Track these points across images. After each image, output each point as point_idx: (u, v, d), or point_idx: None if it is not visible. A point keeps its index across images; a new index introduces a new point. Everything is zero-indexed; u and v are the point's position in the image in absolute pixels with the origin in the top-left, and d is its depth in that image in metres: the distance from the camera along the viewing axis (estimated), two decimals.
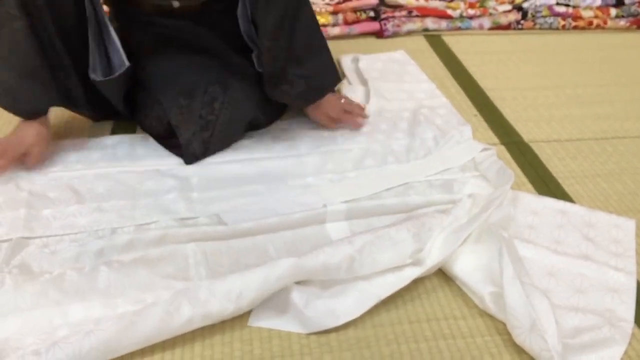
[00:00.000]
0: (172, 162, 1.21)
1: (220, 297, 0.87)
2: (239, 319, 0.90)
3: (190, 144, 1.18)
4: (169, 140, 1.22)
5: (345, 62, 1.62)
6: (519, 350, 0.86)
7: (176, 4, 1.22)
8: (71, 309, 0.89)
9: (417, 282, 0.97)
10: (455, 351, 0.86)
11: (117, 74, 1.17)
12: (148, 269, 0.96)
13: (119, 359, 0.83)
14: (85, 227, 1.05)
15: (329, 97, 1.28)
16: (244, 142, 1.26)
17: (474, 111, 1.45)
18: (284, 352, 0.85)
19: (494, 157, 1.22)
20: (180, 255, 0.99)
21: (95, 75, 1.17)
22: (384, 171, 1.22)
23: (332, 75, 1.27)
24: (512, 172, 1.13)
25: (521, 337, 0.84)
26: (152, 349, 0.85)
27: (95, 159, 1.22)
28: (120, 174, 1.17)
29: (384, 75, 1.56)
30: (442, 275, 0.98)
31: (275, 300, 0.91)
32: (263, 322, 0.90)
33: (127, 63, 1.16)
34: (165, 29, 1.25)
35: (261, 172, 1.19)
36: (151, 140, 1.26)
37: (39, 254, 0.98)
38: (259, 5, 1.12)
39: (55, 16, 1.08)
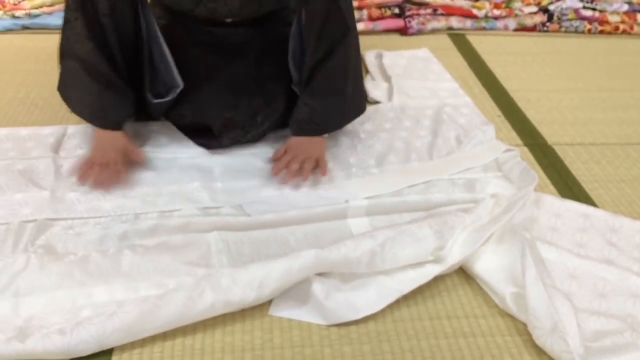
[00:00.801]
0: (195, 152, 1.21)
1: (242, 285, 0.87)
2: (260, 308, 0.90)
3: (224, 142, 1.20)
4: (196, 136, 1.23)
5: (369, 58, 1.62)
6: (539, 351, 0.86)
7: (229, 20, 1.21)
8: (95, 290, 0.90)
9: (437, 279, 0.97)
10: (475, 349, 0.86)
11: (170, 97, 1.17)
12: (171, 255, 0.97)
13: (140, 342, 0.84)
14: (109, 212, 1.06)
15: (318, 140, 1.18)
16: (269, 136, 1.26)
17: (497, 112, 1.44)
18: (304, 342, 0.86)
19: (517, 158, 1.21)
20: (202, 243, 1.00)
21: (151, 96, 1.17)
22: (406, 168, 1.21)
23: (336, 121, 1.20)
24: (536, 173, 1.13)
25: (542, 339, 0.84)
26: (174, 333, 0.86)
27: None
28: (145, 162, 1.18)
29: (408, 73, 1.56)
30: (463, 273, 0.98)
31: (296, 290, 0.91)
32: (284, 312, 0.90)
33: (181, 84, 1.16)
34: (213, 36, 1.23)
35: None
36: (174, 129, 1.27)
37: (64, 235, 0.99)
38: (310, 37, 1.12)
39: (118, 35, 1.10)
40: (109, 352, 0.83)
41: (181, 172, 1.16)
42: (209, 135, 1.20)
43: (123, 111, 1.16)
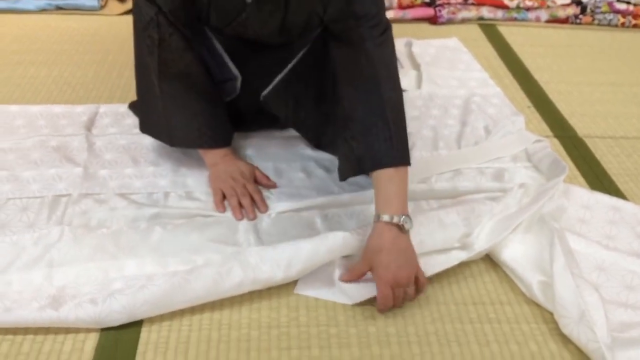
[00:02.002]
0: None
1: (270, 264, 0.88)
2: (286, 287, 0.91)
3: (253, 127, 1.20)
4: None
5: (398, 46, 1.60)
6: (565, 339, 0.85)
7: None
8: (126, 263, 0.92)
9: (463, 265, 0.97)
10: (500, 335, 0.86)
11: (231, 94, 1.13)
12: (199, 233, 0.98)
13: (169, 315, 0.86)
14: (140, 189, 1.08)
15: (409, 246, 0.90)
16: None
17: (528, 103, 1.43)
18: (329, 322, 0.87)
19: (547, 149, 1.20)
20: (230, 222, 1.01)
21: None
22: (434, 156, 1.21)
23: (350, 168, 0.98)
24: (566, 164, 1.12)
25: (568, 328, 0.84)
26: (202, 307, 0.87)
27: None
28: None
29: (437, 62, 1.55)
30: (490, 260, 0.98)
31: (322, 271, 0.92)
32: (309, 291, 0.91)
33: (238, 76, 1.10)
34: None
35: (314, 151, 1.20)
36: None
37: (97, 210, 1.01)
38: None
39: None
40: (138, 323, 0.85)
41: None
42: (238, 118, 1.22)
43: (227, 125, 1.10)
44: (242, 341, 0.83)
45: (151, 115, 1.09)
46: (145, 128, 1.12)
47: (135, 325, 0.84)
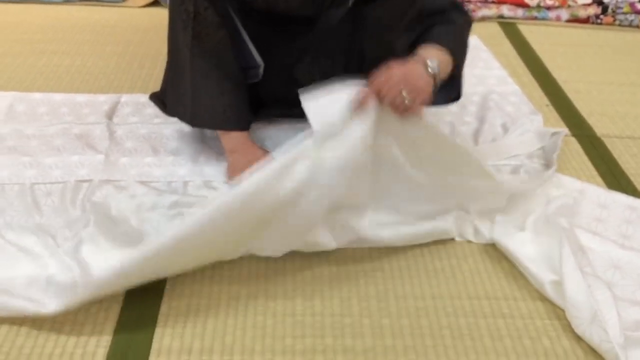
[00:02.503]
0: None
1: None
2: (301, 276, 0.93)
3: (273, 113, 1.21)
4: None
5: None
6: (578, 337, 0.85)
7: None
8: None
9: (478, 261, 0.98)
10: (513, 330, 0.86)
11: (254, 79, 1.13)
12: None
13: (186, 300, 0.87)
14: (159, 178, 1.10)
15: (425, 74, 0.96)
16: None
17: (546, 101, 1.43)
18: (343, 312, 0.88)
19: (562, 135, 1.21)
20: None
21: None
22: None
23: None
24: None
25: (581, 328, 0.84)
26: (219, 293, 0.89)
27: None
28: (193, 131, 1.21)
29: None
30: (504, 257, 0.98)
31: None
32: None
33: (261, 63, 1.11)
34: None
35: None
36: None
37: (117, 196, 1.03)
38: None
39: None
40: (155, 309, 0.86)
41: None
42: (257, 103, 1.23)
43: (249, 110, 1.10)
44: (258, 328, 0.85)
45: (178, 93, 1.09)
46: (171, 109, 1.11)
47: (152, 310, 0.86)
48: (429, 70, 0.95)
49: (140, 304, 0.87)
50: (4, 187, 1.04)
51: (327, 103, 0.89)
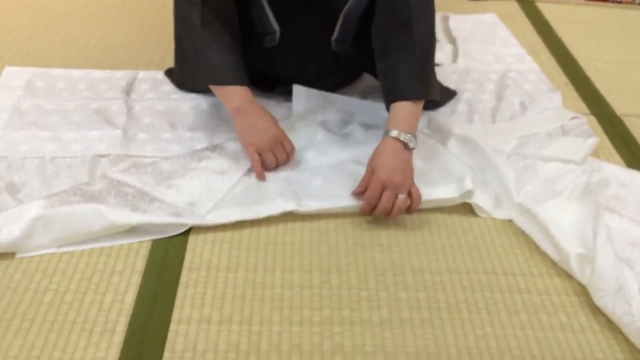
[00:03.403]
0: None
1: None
2: (318, 250, 0.93)
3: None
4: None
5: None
6: (595, 311, 0.86)
7: None
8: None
9: (495, 237, 0.98)
10: (530, 305, 0.87)
11: (269, 44, 1.14)
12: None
13: (204, 272, 0.88)
14: (177, 152, 1.10)
15: (407, 160, 0.99)
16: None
17: (565, 80, 1.41)
18: (360, 285, 0.88)
19: (585, 126, 1.19)
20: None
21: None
22: (468, 130, 1.21)
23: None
24: (598, 139, 1.11)
25: (603, 300, 0.84)
26: (236, 267, 0.90)
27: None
28: (210, 108, 1.22)
29: (473, 36, 1.54)
30: (522, 233, 0.98)
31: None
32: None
33: (277, 29, 1.11)
34: None
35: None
36: None
37: (135, 170, 1.04)
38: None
39: None
40: (175, 280, 0.88)
41: None
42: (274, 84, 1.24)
43: (245, 70, 1.08)
44: (275, 300, 0.86)
45: (186, 57, 1.11)
46: (177, 75, 1.14)
47: (172, 281, 0.87)
48: (410, 146, 0.98)
49: (159, 275, 0.88)
50: (24, 161, 1.05)
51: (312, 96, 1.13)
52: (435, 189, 1.02)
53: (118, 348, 0.77)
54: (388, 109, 1.03)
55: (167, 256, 0.91)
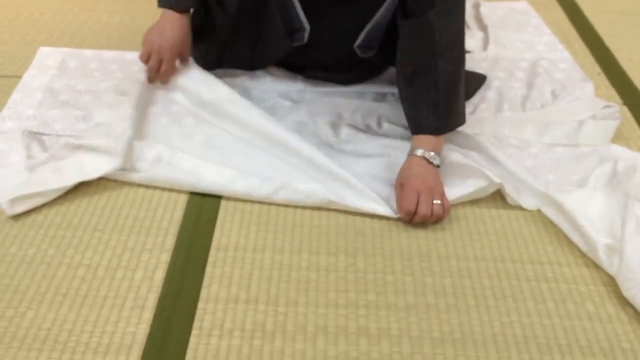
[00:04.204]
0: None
1: None
2: (344, 234, 0.94)
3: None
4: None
5: (466, 7, 1.58)
6: (623, 302, 0.85)
7: None
8: None
9: (522, 225, 0.97)
10: (557, 294, 0.86)
11: (298, 42, 1.14)
12: None
13: (232, 252, 0.90)
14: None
15: (433, 170, 0.99)
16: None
17: (598, 69, 1.39)
18: (386, 270, 0.89)
19: (616, 115, 1.17)
20: None
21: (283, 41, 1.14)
22: (497, 117, 1.20)
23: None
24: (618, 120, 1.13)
25: (632, 291, 0.83)
26: (264, 248, 0.91)
27: None
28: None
29: (505, 24, 1.52)
30: (550, 222, 0.98)
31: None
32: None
33: (307, 26, 1.11)
34: None
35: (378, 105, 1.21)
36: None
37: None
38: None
39: None
40: (203, 259, 0.89)
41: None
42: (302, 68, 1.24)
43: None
44: (302, 282, 0.86)
45: None
46: None
47: (200, 260, 0.89)
48: (435, 164, 0.99)
49: (188, 254, 0.89)
50: (58, 139, 1.07)
51: None
52: (460, 188, 1.00)
53: (148, 324, 0.79)
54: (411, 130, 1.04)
55: (195, 236, 0.93)
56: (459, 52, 1.04)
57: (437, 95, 1.00)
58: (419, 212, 0.93)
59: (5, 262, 0.87)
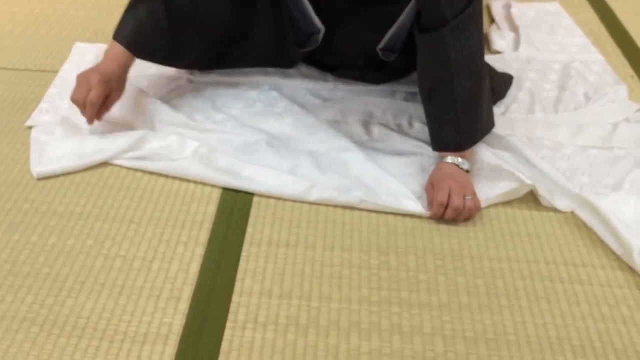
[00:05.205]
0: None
1: None
2: (376, 231, 0.94)
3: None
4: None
5: (496, 8, 1.58)
6: None
7: None
8: None
9: (555, 227, 0.97)
10: (591, 296, 0.86)
11: (313, 46, 1.15)
12: None
13: (265, 247, 0.91)
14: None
15: (463, 172, 0.99)
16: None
17: (631, 72, 1.37)
18: (418, 269, 0.89)
19: None
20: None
21: (296, 47, 1.16)
22: (529, 119, 1.19)
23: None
24: None
25: None
26: (296, 244, 0.92)
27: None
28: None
29: (536, 25, 1.51)
30: (583, 224, 0.97)
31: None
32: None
33: (322, 28, 1.12)
34: None
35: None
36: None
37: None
38: None
39: None
40: (237, 253, 0.90)
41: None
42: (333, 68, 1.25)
43: (142, 35, 1.05)
44: (334, 278, 0.87)
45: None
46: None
47: (234, 254, 0.90)
48: (464, 168, 1.00)
49: (222, 248, 0.91)
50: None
51: None
52: (491, 190, 1.00)
53: (183, 315, 0.80)
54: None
55: (229, 230, 0.94)
56: (478, 65, 1.01)
57: (455, 114, 0.99)
58: (451, 204, 0.93)
59: (45, 251, 0.89)
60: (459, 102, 0.99)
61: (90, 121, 1.01)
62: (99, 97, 0.99)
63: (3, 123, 1.13)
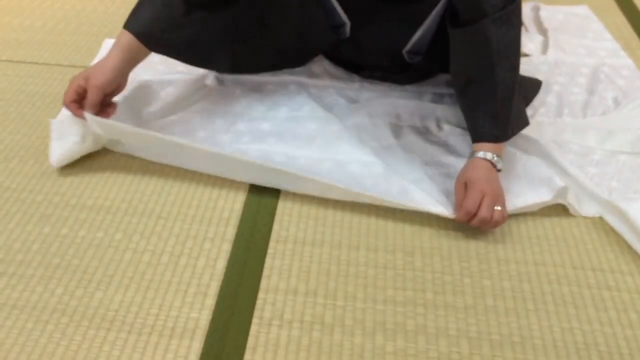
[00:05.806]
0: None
1: None
2: (401, 231, 0.94)
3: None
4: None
5: (525, 10, 1.56)
6: None
7: None
8: None
9: (583, 232, 0.96)
10: (619, 303, 0.85)
11: (344, 36, 1.15)
12: None
13: (291, 244, 0.91)
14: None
15: (496, 176, 0.96)
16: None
17: None
18: (444, 270, 0.89)
19: None
20: None
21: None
22: (557, 122, 1.18)
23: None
24: None
25: None
26: (322, 243, 0.92)
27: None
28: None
29: (565, 28, 1.50)
30: (611, 230, 0.96)
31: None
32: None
33: (347, 22, 1.12)
34: None
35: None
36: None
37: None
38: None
39: None
40: (263, 251, 0.91)
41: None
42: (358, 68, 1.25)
43: (157, 23, 1.00)
44: (360, 277, 0.87)
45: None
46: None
47: (260, 251, 0.90)
48: (497, 167, 0.97)
49: (248, 245, 0.91)
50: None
51: None
52: (522, 198, 0.98)
53: (210, 310, 0.81)
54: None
55: (255, 227, 0.94)
56: (516, 59, 1.00)
57: (494, 104, 0.97)
58: (479, 214, 0.91)
59: (75, 244, 0.90)
60: (499, 93, 0.97)
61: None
62: (95, 100, 0.97)
63: (34, 117, 1.15)
